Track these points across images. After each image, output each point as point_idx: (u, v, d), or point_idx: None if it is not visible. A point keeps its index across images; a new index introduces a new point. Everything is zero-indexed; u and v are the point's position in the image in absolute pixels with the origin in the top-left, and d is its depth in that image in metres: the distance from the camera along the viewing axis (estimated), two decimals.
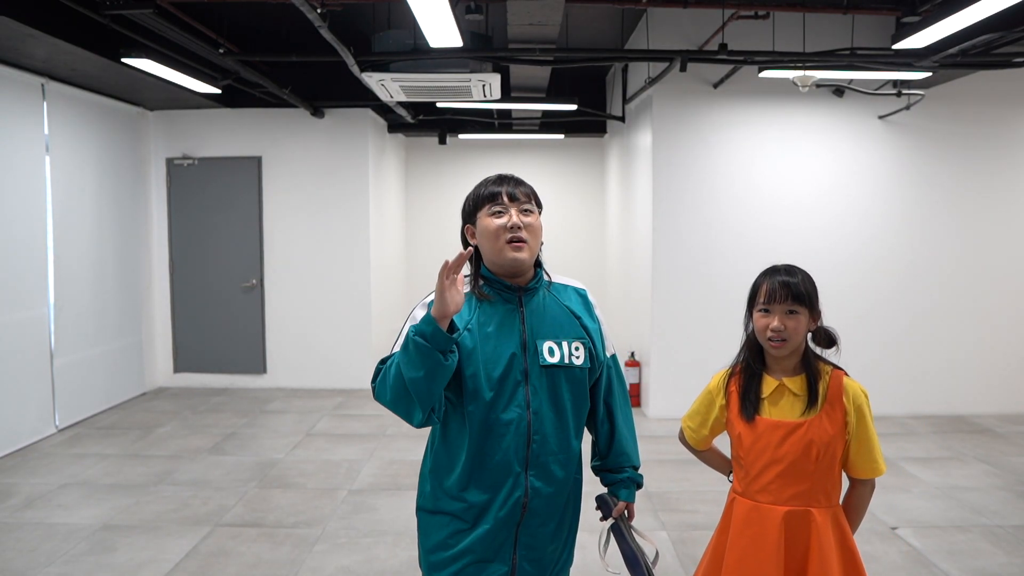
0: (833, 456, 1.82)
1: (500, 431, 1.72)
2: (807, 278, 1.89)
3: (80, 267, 6.11)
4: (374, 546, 3.76)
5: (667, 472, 4.84)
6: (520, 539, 1.76)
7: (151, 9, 4.18)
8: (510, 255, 1.75)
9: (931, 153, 6.20)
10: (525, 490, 1.74)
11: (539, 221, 1.81)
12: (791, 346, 1.85)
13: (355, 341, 7.34)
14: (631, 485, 1.93)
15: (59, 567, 3.49)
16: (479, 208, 1.79)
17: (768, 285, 1.87)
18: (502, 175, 1.84)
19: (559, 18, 4.42)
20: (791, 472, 1.82)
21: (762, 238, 6.11)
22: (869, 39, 5.73)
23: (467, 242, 1.85)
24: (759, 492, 1.86)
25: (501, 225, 1.75)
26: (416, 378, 1.60)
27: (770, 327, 1.84)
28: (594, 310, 1.91)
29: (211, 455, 5.22)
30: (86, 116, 6.23)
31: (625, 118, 7.39)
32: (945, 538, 3.83)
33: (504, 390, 1.73)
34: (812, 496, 1.82)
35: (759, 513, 1.85)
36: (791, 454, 1.81)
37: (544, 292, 1.84)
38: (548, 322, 1.80)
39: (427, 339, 1.58)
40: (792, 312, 1.83)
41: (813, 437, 1.80)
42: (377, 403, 1.78)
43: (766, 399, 1.88)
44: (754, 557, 1.84)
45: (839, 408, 1.82)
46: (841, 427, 1.82)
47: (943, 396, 6.25)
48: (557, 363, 1.77)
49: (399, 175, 9.05)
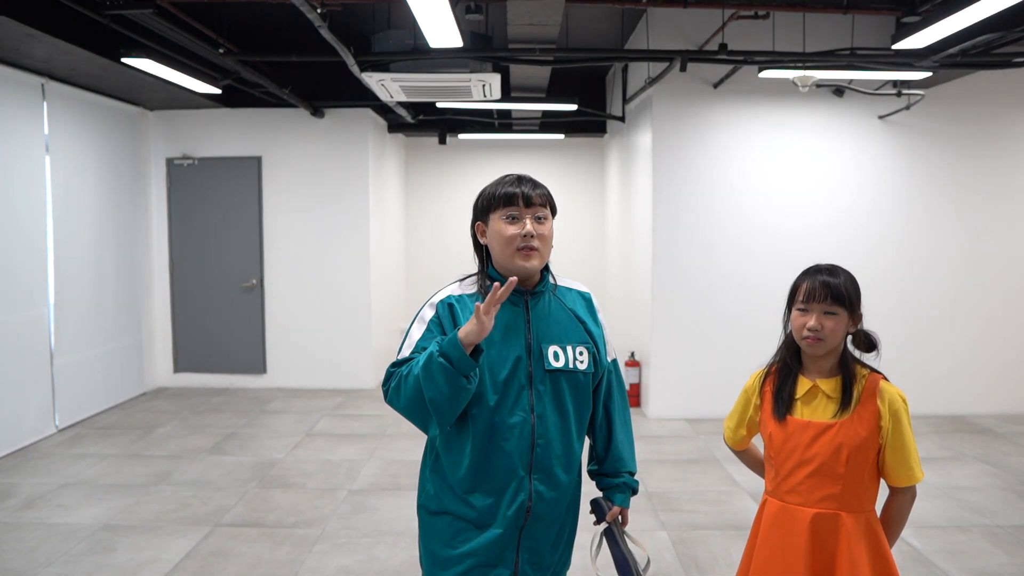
0: (865, 460, 1.79)
1: (504, 435, 1.72)
2: (849, 279, 1.86)
3: (80, 267, 6.11)
4: (374, 546, 3.76)
5: (667, 472, 4.84)
6: (523, 543, 1.76)
7: (151, 9, 4.18)
8: (520, 263, 1.75)
9: (931, 153, 6.20)
10: (529, 494, 1.74)
11: (552, 228, 1.81)
12: (827, 346, 1.82)
13: (355, 341, 7.34)
14: (626, 490, 1.92)
15: (59, 567, 3.49)
16: (494, 208, 1.77)
17: (808, 284, 1.84)
18: (520, 176, 1.81)
19: (559, 18, 4.42)
20: (820, 474, 1.79)
21: (762, 238, 6.12)
22: (869, 39, 5.73)
23: (476, 239, 1.85)
24: (788, 493, 1.84)
25: (515, 233, 1.74)
26: (437, 398, 1.61)
27: (807, 326, 1.82)
28: (598, 315, 1.91)
29: (211, 455, 5.22)
30: (86, 116, 6.23)
31: (625, 118, 7.39)
32: (945, 538, 3.83)
33: (509, 394, 1.72)
34: (843, 500, 1.79)
35: (787, 514, 1.83)
36: (821, 455, 1.79)
37: (550, 296, 1.84)
38: (554, 326, 1.80)
39: (452, 363, 1.58)
40: (830, 312, 1.81)
41: (843, 439, 1.78)
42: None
43: (799, 399, 1.86)
44: (781, 559, 1.82)
45: (872, 411, 1.79)
46: (873, 431, 1.79)
47: (943, 396, 6.24)
48: (562, 368, 1.76)
49: (399, 175, 9.05)
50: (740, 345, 5.99)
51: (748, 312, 6.05)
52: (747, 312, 6.05)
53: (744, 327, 6.03)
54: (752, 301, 6.05)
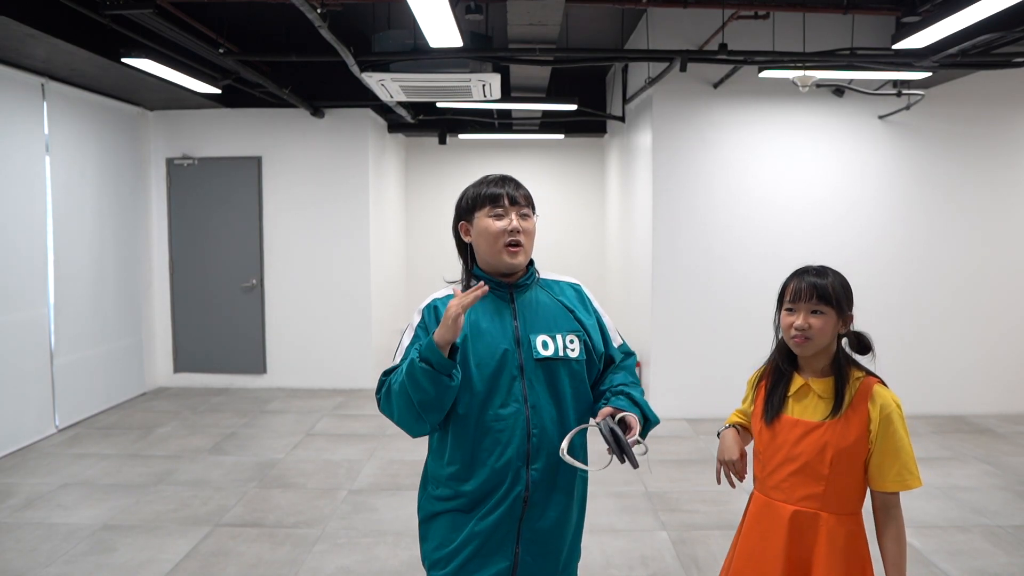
0: (851, 463, 1.79)
1: (499, 426, 1.74)
2: (838, 280, 1.86)
3: (80, 267, 6.11)
4: (374, 546, 3.76)
5: (667, 472, 4.84)
6: (523, 533, 1.77)
7: (151, 9, 4.17)
8: (507, 259, 1.80)
9: (931, 153, 6.20)
10: (526, 484, 1.75)
11: (535, 225, 1.86)
12: (815, 346, 1.83)
13: (355, 341, 7.34)
14: (624, 400, 1.77)
15: (59, 567, 3.49)
16: (478, 208, 1.82)
17: (795, 284, 1.86)
18: (503, 176, 1.86)
19: (559, 18, 4.42)
20: (804, 472, 1.80)
21: (762, 238, 6.12)
22: (869, 39, 5.73)
23: (459, 238, 1.88)
24: (772, 489, 1.86)
25: (502, 228, 1.79)
26: (425, 400, 1.66)
27: (794, 325, 1.83)
28: (591, 303, 1.93)
29: (211, 455, 5.22)
30: (86, 116, 6.23)
31: (625, 118, 7.40)
32: (945, 538, 3.83)
33: (499, 386, 1.74)
34: (825, 500, 1.79)
35: (770, 509, 1.86)
36: (806, 454, 1.80)
37: (535, 287, 1.87)
38: (541, 316, 1.82)
39: (432, 366, 1.63)
40: (817, 312, 1.82)
41: (830, 440, 1.78)
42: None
43: (791, 396, 1.88)
44: (760, 553, 1.85)
45: (862, 414, 1.79)
46: (862, 434, 1.78)
47: (943, 396, 6.24)
48: (551, 356, 1.78)
49: (399, 175, 9.05)
50: (740, 345, 5.98)
51: (748, 312, 6.05)
52: (747, 312, 6.05)
53: (744, 327, 6.03)
54: (752, 301, 6.05)
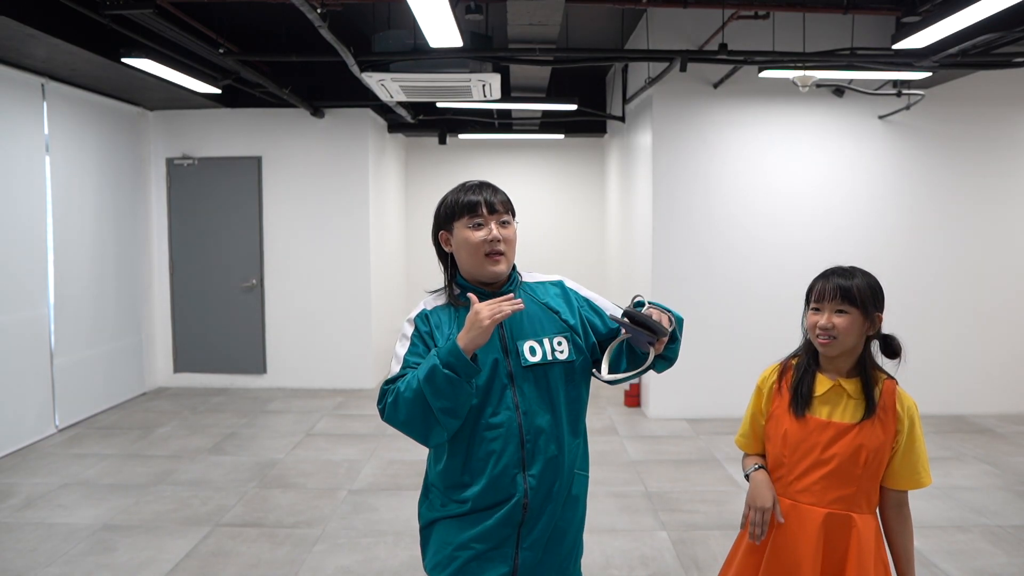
0: (880, 463, 1.82)
1: (492, 435, 1.74)
2: (865, 281, 1.87)
3: (80, 267, 6.11)
4: (374, 546, 3.75)
5: (667, 472, 4.85)
6: (522, 539, 1.77)
7: (151, 9, 4.17)
8: (490, 269, 1.78)
9: (931, 153, 6.21)
10: (524, 491, 1.74)
11: (515, 231, 1.84)
12: (840, 346, 1.84)
13: (355, 341, 7.34)
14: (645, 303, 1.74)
15: (59, 567, 3.49)
16: (457, 216, 1.80)
17: (821, 285, 1.88)
18: (481, 183, 1.84)
19: (559, 18, 4.42)
20: (837, 475, 1.81)
21: (762, 238, 6.11)
22: (869, 39, 5.73)
23: (440, 247, 1.87)
24: (801, 492, 1.85)
25: (481, 239, 1.77)
26: (447, 407, 1.64)
27: (818, 324, 1.85)
28: (576, 295, 1.90)
29: (211, 455, 5.22)
30: (86, 116, 6.23)
31: (625, 118, 7.39)
32: (945, 538, 3.83)
33: (491, 396, 1.74)
34: (855, 501, 1.81)
35: (798, 512, 1.85)
36: (839, 456, 1.81)
37: (519, 293, 1.86)
38: (527, 322, 1.81)
39: (457, 372, 1.62)
40: (841, 311, 1.83)
41: (863, 442, 1.79)
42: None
43: (818, 398, 1.87)
44: (791, 556, 1.83)
45: (893, 416, 1.82)
46: (892, 435, 1.82)
47: (943, 396, 6.24)
48: (540, 361, 1.77)
49: (399, 175, 9.05)
50: (740, 345, 5.98)
51: (748, 312, 6.05)
52: (747, 312, 6.05)
53: (744, 327, 6.03)
54: (752, 301, 6.06)
